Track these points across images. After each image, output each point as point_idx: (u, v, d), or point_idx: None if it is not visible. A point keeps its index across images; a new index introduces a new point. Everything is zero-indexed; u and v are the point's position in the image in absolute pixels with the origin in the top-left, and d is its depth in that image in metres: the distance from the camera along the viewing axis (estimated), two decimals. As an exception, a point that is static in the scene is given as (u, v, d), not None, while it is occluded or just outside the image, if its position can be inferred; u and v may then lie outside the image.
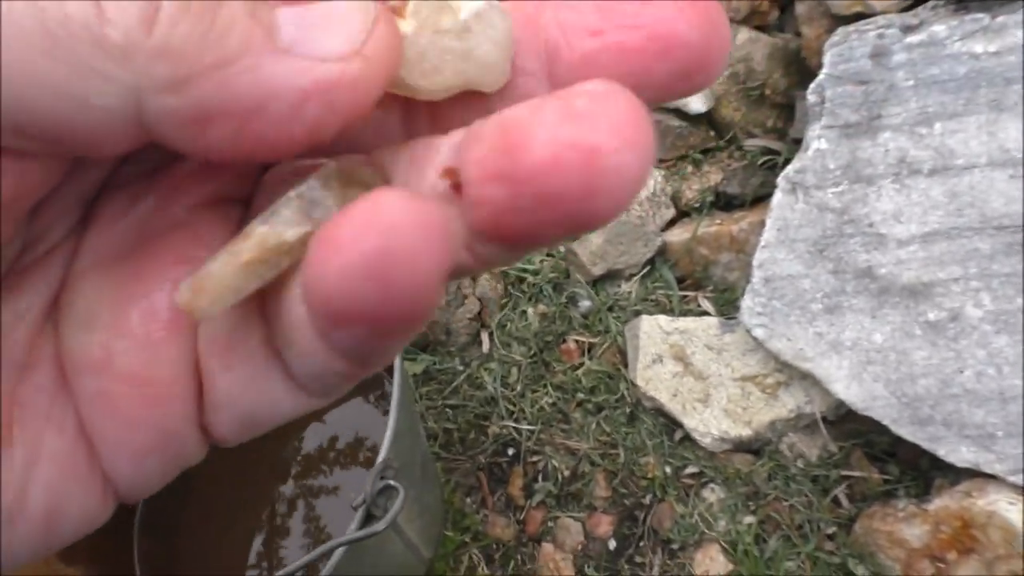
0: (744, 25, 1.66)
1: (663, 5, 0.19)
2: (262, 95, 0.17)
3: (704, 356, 1.56)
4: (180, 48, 0.17)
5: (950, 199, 1.30)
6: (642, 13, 0.19)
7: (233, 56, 0.17)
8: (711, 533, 1.47)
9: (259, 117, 0.17)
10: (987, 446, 1.27)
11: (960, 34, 1.29)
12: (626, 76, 0.19)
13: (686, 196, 1.75)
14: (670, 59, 0.19)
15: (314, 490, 1.33)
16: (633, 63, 0.19)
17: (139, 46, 0.16)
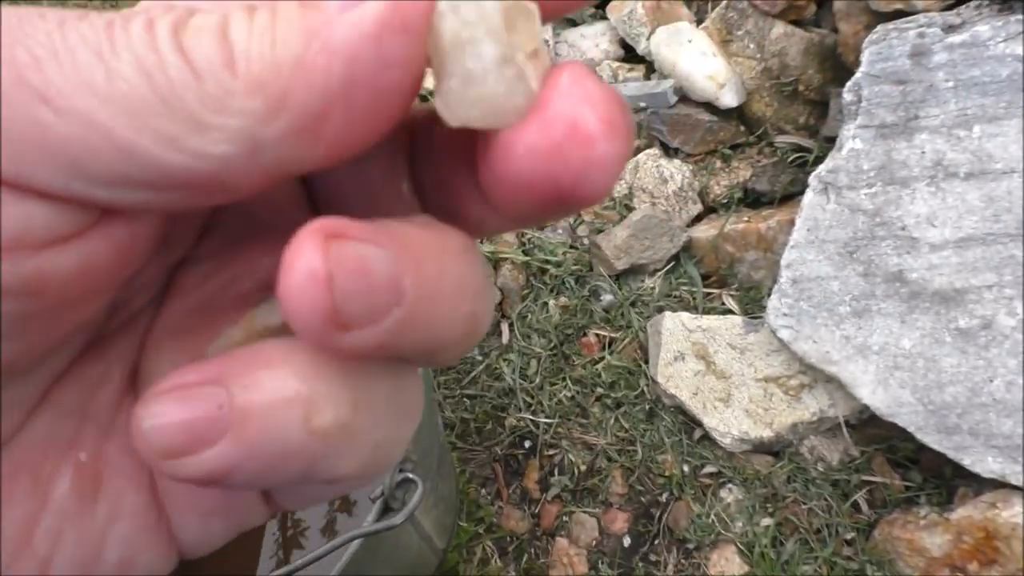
0: (780, 19, 1.63)
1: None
2: (344, 67, 0.18)
3: (727, 355, 1.54)
4: (262, 75, 0.17)
5: (987, 204, 1.28)
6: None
7: (303, 49, 0.18)
8: (727, 534, 1.46)
9: (356, 88, 0.18)
10: (1014, 457, 1.25)
11: (1004, 35, 1.26)
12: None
13: (714, 192, 1.72)
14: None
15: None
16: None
17: (232, 90, 0.17)
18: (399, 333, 0.18)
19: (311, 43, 0.18)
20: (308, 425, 0.18)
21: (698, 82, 1.65)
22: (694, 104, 1.72)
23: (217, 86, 0.17)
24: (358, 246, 0.18)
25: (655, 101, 1.72)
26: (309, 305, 0.17)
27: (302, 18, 0.18)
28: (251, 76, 0.17)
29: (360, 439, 0.19)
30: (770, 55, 1.63)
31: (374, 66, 0.18)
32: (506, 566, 1.51)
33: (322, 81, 0.18)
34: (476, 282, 0.21)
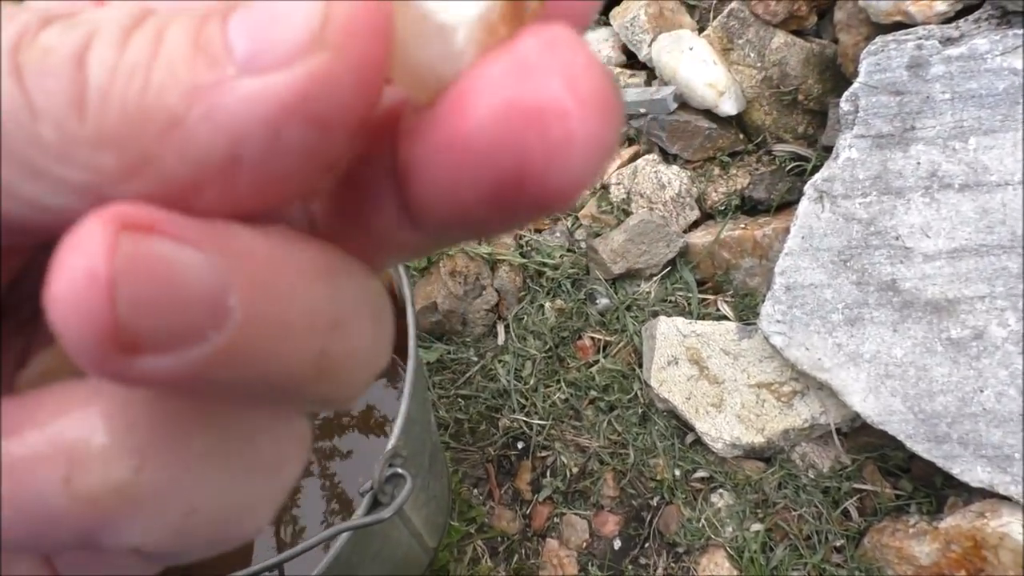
0: (781, 29, 1.64)
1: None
2: (228, 144, 0.14)
3: (720, 361, 1.55)
4: (120, 128, 0.14)
5: (980, 216, 1.28)
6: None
7: (183, 109, 0.14)
8: (717, 539, 1.46)
9: (238, 168, 0.14)
10: (1003, 467, 1.25)
11: (1002, 49, 1.27)
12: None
13: (711, 198, 1.73)
14: None
15: (322, 474, 1.34)
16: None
17: (76, 139, 0.14)
18: (217, 366, 0.14)
19: (192, 104, 0.14)
20: (68, 488, 0.15)
21: (698, 89, 1.67)
22: (694, 111, 1.73)
23: (57, 132, 0.14)
24: (165, 244, 0.14)
25: (655, 107, 1.73)
26: (79, 316, 0.13)
27: (189, 64, 0.14)
28: (104, 126, 0.14)
29: (157, 503, 0.16)
30: (770, 64, 1.64)
31: (265, 153, 0.14)
32: (496, 566, 1.52)
33: (198, 153, 0.14)
34: (336, 313, 0.16)
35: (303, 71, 0.14)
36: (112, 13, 0.15)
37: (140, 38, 0.14)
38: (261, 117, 0.14)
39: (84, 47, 0.14)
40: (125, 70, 0.14)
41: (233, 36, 0.14)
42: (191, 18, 0.14)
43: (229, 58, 0.14)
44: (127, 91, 0.14)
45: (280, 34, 0.14)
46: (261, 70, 0.14)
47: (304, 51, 0.14)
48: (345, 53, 0.14)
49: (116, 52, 0.14)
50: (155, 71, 0.14)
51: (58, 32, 0.14)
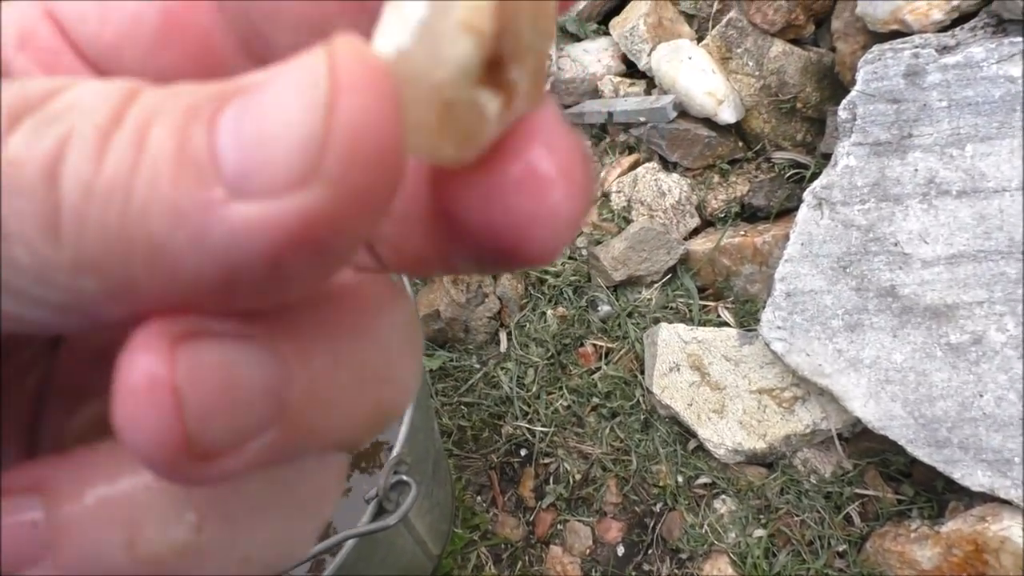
0: (779, 38, 1.65)
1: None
2: (221, 275, 0.13)
3: (721, 367, 1.55)
4: (99, 254, 0.13)
5: (978, 222, 1.29)
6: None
7: (167, 234, 0.13)
8: (720, 544, 1.47)
9: (236, 291, 0.13)
10: (1004, 471, 1.26)
11: (997, 57, 1.28)
12: None
13: (711, 206, 1.75)
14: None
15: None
16: None
17: (52, 264, 0.13)
18: (279, 449, 0.14)
19: (178, 229, 0.12)
20: (132, 552, 0.15)
21: (697, 98, 1.68)
22: (693, 119, 1.74)
23: (31, 256, 0.13)
24: (220, 348, 0.13)
25: (655, 116, 1.74)
26: (151, 436, 0.13)
27: (174, 179, 0.12)
28: (81, 251, 0.13)
29: (217, 558, 0.16)
30: (769, 73, 1.66)
31: (262, 283, 0.13)
32: (500, 573, 1.53)
33: (187, 279, 0.13)
34: (386, 364, 0.16)
35: (299, 204, 0.12)
36: (91, 100, 0.13)
37: (119, 143, 0.13)
38: (256, 250, 0.13)
39: (56, 158, 0.13)
40: (102, 189, 0.13)
41: (222, 145, 0.13)
42: (177, 112, 0.13)
43: (217, 175, 0.13)
44: (105, 214, 0.13)
45: (273, 154, 0.13)
46: (253, 195, 0.12)
47: (298, 182, 0.12)
48: (346, 187, 0.13)
49: (92, 166, 0.13)
50: (136, 188, 0.13)
51: (28, 137, 0.13)
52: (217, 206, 0.12)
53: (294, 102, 0.13)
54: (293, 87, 0.13)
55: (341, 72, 0.13)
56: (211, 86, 0.13)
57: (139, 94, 0.13)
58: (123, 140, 0.13)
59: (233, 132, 0.13)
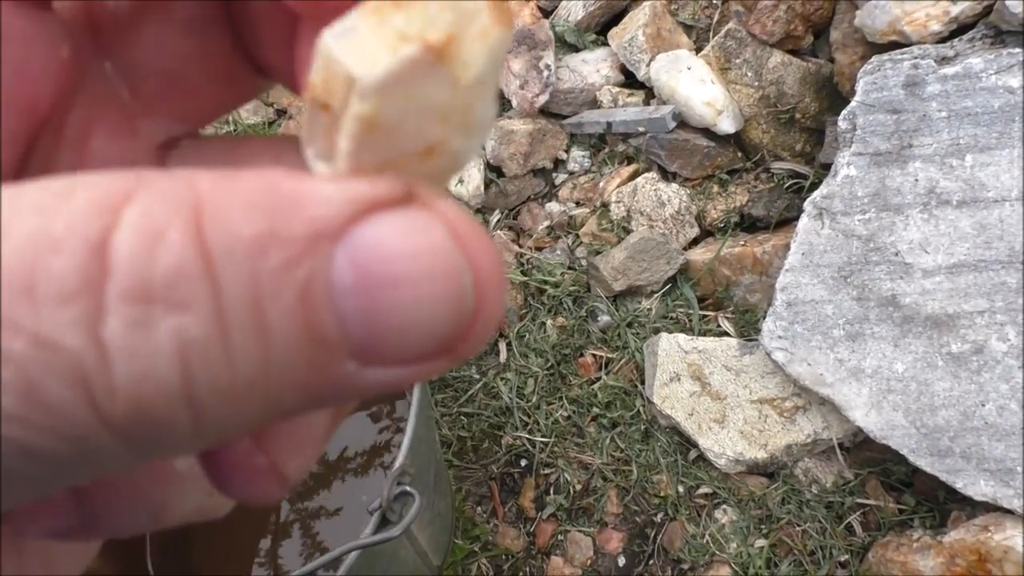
0: (778, 48, 1.66)
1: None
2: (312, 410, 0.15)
3: (722, 377, 1.55)
4: (231, 430, 0.14)
5: (978, 231, 1.30)
6: None
7: (295, 405, 0.14)
8: (722, 555, 1.46)
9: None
10: (1006, 481, 1.26)
11: (996, 68, 1.29)
12: None
13: (711, 216, 1.75)
14: None
15: (328, 493, 1.34)
16: None
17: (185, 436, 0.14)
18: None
19: (307, 400, 0.14)
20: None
21: (696, 108, 1.68)
22: (692, 130, 1.75)
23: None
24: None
25: (654, 126, 1.75)
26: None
27: (309, 366, 0.14)
28: (217, 432, 0.14)
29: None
30: (768, 83, 1.66)
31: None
32: (501, 584, 1.52)
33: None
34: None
35: (427, 370, 0.15)
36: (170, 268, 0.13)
37: (240, 336, 0.13)
38: (370, 394, 0.15)
39: (184, 366, 0.13)
40: (240, 392, 0.14)
41: (350, 323, 0.14)
42: (282, 287, 0.13)
43: (346, 350, 0.14)
44: (243, 411, 0.14)
45: (411, 341, 0.14)
46: (384, 364, 0.14)
47: (432, 358, 0.15)
48: (463, 354, 0.15)
49: (224, 370, 0.13)
50: (271, 382, 0.14)
51: (132, 336, 0.13)
52: (349, 378, 0.14)
53: (441, 306, 0.14)
54: (436, 286, 0.14)
55: (485, 283, 0.15)
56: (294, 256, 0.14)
57: (209, 256, 0.13)
58: (244, 336, 0.13)
59: (359, 316, 0.14)
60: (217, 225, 0.13)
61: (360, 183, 0.14)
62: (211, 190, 0.13)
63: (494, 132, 1.89)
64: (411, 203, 0.15)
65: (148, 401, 0.13)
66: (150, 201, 0.13)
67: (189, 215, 0.13)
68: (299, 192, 0.14)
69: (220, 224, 0.13)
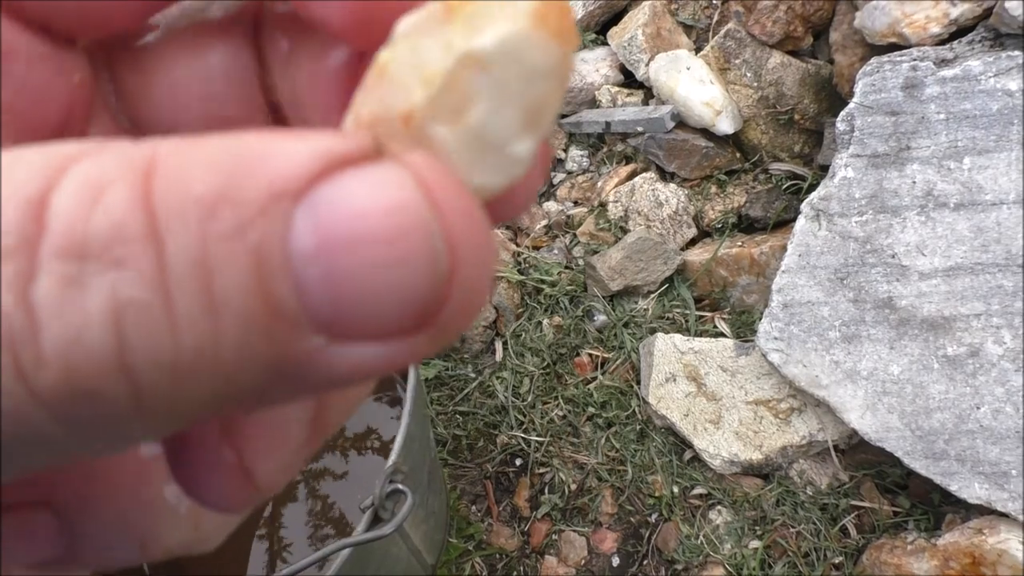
0: (777, 49, 1.66)
1: None
2: (289, 397, 0.14)
3: (718, 378, 1.55)
4: (186, 412, 0.14)
5: (975, 234, 1.30)
6: None
7: (260, 385, 0.13)
8: (716, 556, 1.46)
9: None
10: (1001, 484, 1.26)
11: (995, 70, 1.29)
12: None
13: (708, 216, 1.75)
14: None
15: (321, 490, 1.33)
16: None
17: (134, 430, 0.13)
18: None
19: (272, 379, 0.13)
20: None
21: (695, 108, 1.68)
22: (691, 130, 1.75)
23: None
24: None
25: (653, 126, 1.75)
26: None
27: (268, 340, 0.13)
28: (166, 414, 0.13)
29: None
30: (767, 84, 1.66)
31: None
32: (494, 583, 1.52)
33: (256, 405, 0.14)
34: None
35: (408, 347, 0.14)
36: (108, 232, 0.12)
37: (185, 308, 0.12)
38: (349, 379, 0.13)
39: (119, 336, 0.12)
40: (186, 367, 0.12)
41: (312, 296, 0.13)
42: (234, 259, 0.12)
43: (311, 324, 0.13)
44: (195, 389, 0.13)
45: (383, 309, 0.13)
46: (357, 339, 0.13)
47: (411, 330, 0.13)
48: (453, 330, 0.14)
49: (168, 341, 0.12)
50: (224, 355, 0.13)
51: (64, 298, 0.12)
52: (315, 354, 0.13)
53: (410, 268, 0.13)
54: (403, 245, 0.13)
55: (459, 243, 0.13)
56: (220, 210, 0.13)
57: (150, 217, 0.12)
58: (189, 303, 0.12)
59: (322, 283, 0.13)
60: (167, 184, 0.12)
61: (326, 137, 0.13)
62: (169, 151, 0.13)
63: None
64: (381, 159, 0.14)
65: (79, 370, 0.12)
66: (100, 160, 0.12)
67: (138, 173, 0.12)
68: (262, 151, 0.13)
69: (171, 183, 0.12)
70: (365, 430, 1.38)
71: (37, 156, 0.12)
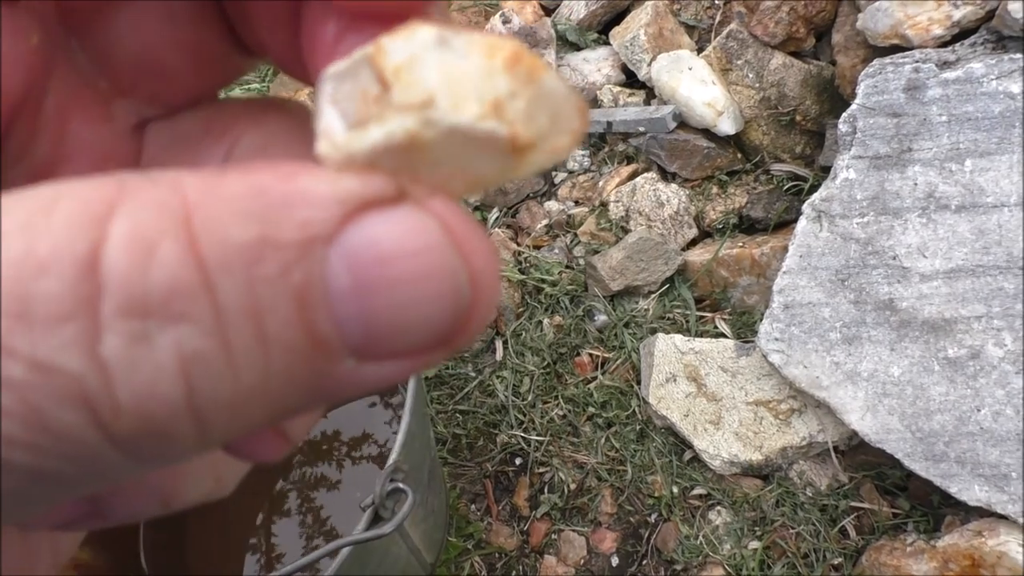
0: (779, 50, 1.66)
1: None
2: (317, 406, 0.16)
3: (718, 378, 1.55)
4: (234, 432, 0.14)
5: (977, 236, 1.30)
6: None
7: (295, 403, 0.15)
8: (715, 556, 1.46)
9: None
10: (1001, 486, 1.26)
11: (997, 73, 1.29)
12: None
13: (710, 217, 1.75)
14: None
15: (321, 489, 1.33)
16: None
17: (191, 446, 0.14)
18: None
19: (306, 397, 0.15)
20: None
21: (697, 109, 1.68)
22: (693, 130, 1.75)
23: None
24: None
25: (654, 126, 1.75)
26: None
27: (310, 367, 0.14)
28: (221, 435, 0.14)
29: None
30: (769, 85, 1.66)
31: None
32: (493, 583, 1.52)
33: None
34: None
35: (426, 362, 0.15)
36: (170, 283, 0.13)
37: (242, 346, 0.13)
38: (372, 389, 0.15)
39: (187, 381, 0.13)
40: (242, 400, 0.14)
41: (347, 325, 0.14)
42: (280, 299, 0.14)
43: (343, 350, 0.14)
44: (246, 416, 0.14)
45: (405, 339, 0.15)
46: (383, 359, 0.15)
47: (430, 350, 0.15)
48: (459, 346, 0.16)
49: (228, 385, 0.14)
50: (272, 387, 0.14)
51: (132, 353, 0.13)
52: (348, 375, 0.15)
53: (437, 304, 0.15)
54: (432, 285, 0.14)
55: (480, 278, 0.15)
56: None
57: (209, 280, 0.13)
58: (245, 345, 0.13)
59: (358, 318, 0.14)
60: (210, 235, 0.13)
61: (351, 180, 0.14)
62: (199, 196, 0.13)
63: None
64: (403, 201, 0.15)
65: (153, 416, 0.13)
66: (137, 211, 0.13)
67: (180, 225, 0.13)
68: (290, 194, 0.14)
69: (212, 233, 0.13)
70: (366, 427, 1.38)
71: (67, 205, 0.13)
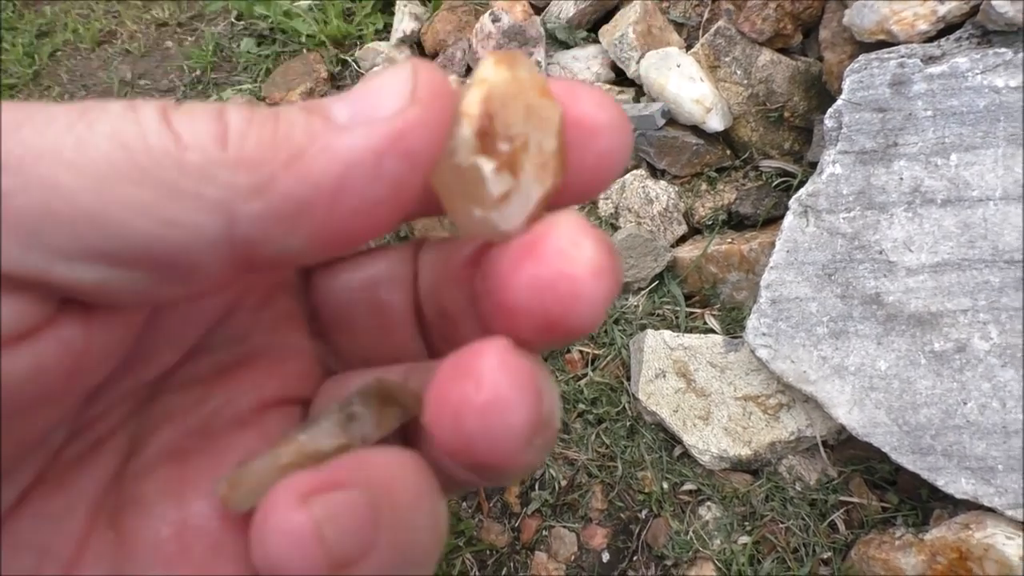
0: (767, 47, 1.66)
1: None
2: (340, 169, 0.18)
3: (707, 373, 1.56)
4: (254, 155, 0.18)
5: (962, 230, 1.30)
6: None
7: (302, 147, 0.18)
8: (705, 551, 1.46)
9: (344, 192, 0.19)
10: (987, 479, 1.27)
11: (982, 67, 1.29)
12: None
13: (699, 213, 1.75)
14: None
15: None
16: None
17: (218, 162, 0.18)
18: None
19: (315, 141, 0.18)
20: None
21: (685, 106, 1.69)
22: (681, 127, 1.75)
23: (202, 156, 0.17)
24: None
25: (643, 123, 1.75)
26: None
27: (308, 120, 0.19)
28: (243, 153, 0.18)
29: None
30: (757, 81, 1.67)
31: (368, 179, 0.19)
32: (484, 579, 1.52)
33: (315, 176, 0.18)
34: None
35: (402, 119, 0.19)
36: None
37: (263, 108, 0.19)
38: (370, 148, 0.19)
39: (220, 110, 0.19)
40: (258, 121, 0.18)
41: (333, 108, 0.20)
42: (294, 108, 0.20)
43: (336, 120, 0.19)
44: (261, 131, 0.18)
45: (380, 99, 0.19)
46: (366, 123, 0.19)
47: (402, 108, 0.19)
48: (429, 107, 0.19)
49: (248, 113, 0.19)
50: (281, 123, 0.19)
51: (194, 103, 0.18)
52: (341, 129, 0.19)
53: (393, 83, 0.20)
54: (390, 81, 0.20)
55: (419, 69, 0.20)
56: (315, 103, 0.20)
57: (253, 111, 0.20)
58: (264, 108, 0.19)
59: (343, 103, 0.20)
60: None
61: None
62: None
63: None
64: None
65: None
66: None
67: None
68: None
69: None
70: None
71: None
